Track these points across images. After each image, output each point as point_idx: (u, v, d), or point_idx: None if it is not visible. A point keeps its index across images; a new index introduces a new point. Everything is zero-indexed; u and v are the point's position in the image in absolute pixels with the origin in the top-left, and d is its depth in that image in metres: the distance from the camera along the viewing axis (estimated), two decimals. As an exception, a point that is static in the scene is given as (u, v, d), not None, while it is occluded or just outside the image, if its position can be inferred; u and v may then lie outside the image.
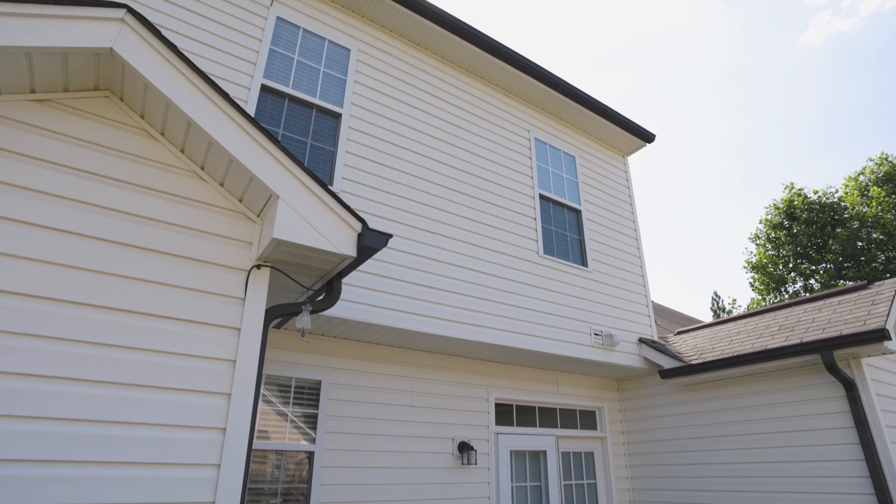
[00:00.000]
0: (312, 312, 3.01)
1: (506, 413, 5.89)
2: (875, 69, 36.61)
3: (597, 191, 7.18)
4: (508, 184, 6.10)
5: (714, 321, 7.31)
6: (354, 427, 4.71)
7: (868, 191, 19.54)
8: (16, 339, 2.23)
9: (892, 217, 18.12)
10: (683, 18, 46.05)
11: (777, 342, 5.39)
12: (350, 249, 2.83)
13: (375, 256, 4.66)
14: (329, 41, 5.29)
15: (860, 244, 18.59)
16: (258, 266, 2.85)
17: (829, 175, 40.59)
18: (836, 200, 20.26)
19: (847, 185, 20.38)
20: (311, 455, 4.44)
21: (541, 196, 6.43)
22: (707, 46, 46.63)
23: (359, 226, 2.89)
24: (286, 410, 4.48)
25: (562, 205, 6.66)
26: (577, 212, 6.80)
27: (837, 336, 4.81)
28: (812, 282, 20.24)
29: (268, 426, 4.38)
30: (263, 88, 4.74)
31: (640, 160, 59.23)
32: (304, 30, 5.18)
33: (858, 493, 4.66)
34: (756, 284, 21.64)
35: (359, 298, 4.42)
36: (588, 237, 6.68)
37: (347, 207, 2.89)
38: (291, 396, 4.54)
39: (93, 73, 2.71)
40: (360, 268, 4.53)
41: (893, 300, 5.13)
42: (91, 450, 2.24)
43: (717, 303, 25.98)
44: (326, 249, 2.76)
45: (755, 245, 22.00)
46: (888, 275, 17.50)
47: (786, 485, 5.12)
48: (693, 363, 5.87)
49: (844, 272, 18.79)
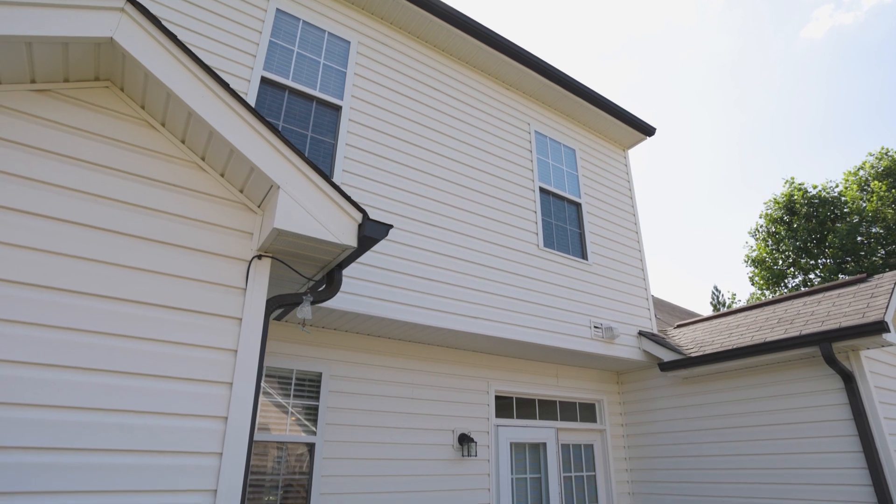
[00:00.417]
0: (313, 303, 3.02)
1: (506, 405, 5.91)
2: (876, 64, 36.51)
3: (597, 184, 7.18)
4: (509, 177, 6.10)
5: (714, 314, 7.33)
6: (355, 419, 4.73)
7: (868, 185, 19.52)
8: (18, 328, 2.24)
9: (893, 212, 18.12)
10: (684, 12, 45.87)
11: (776, 335, 5.41)
12: (351, 240, 2.84)
13: (376, 249, 4.67)
14: (329, 33, 5.27)
15: (860, 239, 18.59)
16: (259, 256, 2.86)
17: (830, 170, 40.58)
18: (836, 195, 20.25)
19: (847, 180, 20.37)
20: (312, 447, 4.46)
21: (541, 189, 6.43)
22: (708, 40, 46.47)
23: (359, 216, 2.89)
24: (287, 402, 4.50)
25: (562, 198, 6.66)
26: (578, 205, 6.80)
27: (836, 328, 4.83)
28: (812, 276, 20.25)
29: (269, 418, 4.40)
30: (263, 81, 4.73)
31: (641, 154, 59.06)
32: (304, 22, 5.16)
33: (856, 485, 4.68)
34: (756, 279, 21.66)
35: (359, 291, 4.43)
36: (588, 230, 6.69)
37: (348, 198, 2.89)
38: (292, 389, 4.56)
39: (93, 63, 2.71)
40: (361, 260, 4.54)
41: (892, 293, 5.14)
42: (93, 438, 2.25)
43: (718, 297, 26.00)
44: (327, 239, 2.76)
45: (755, 240, 22.01)
46: (888, 269, 17.52)
47: (784, 476, 5.15)
48: (692, 356, 5.89)
49: (844, 266, 18.80)
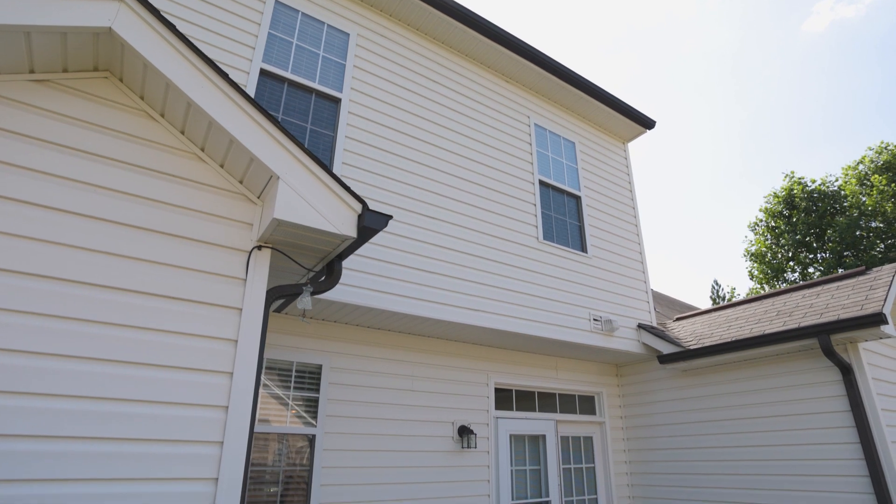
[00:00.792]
0: (313, 294, 3.03)
1: (505, 398, 5.93)
2: (878, 58, 36.39)
3: (597, 177, 7.18)
4: (508, 169, 6.09)
5: (713, 307, 7.34)
6: (355, 411, 4.75)
7: (867, 180, 19.51)
8: (18, 318, 2.25)
9: (892, 206, 18.11)
10: (684, 4, 45.65)
11: (775, 327, 5.42)
12: (350, 230, 2.84)
13: (376, 241, 4.67)
14: (328, 25, 5.25)
15: (859, 233, 18.60)
16: (259, 247, 2.86)
17: (831, 164, 40.53)
18: (836, 189, 20.24)
19: (846, 174, 20.35)
20: (313, 438, 4.48)
21: (540, 182, 6.43)
22: (708, 33, 46.29)
23: (359, 207, 2.89)
24: (287, 394, 4.52)
25: (561, 191, 6.66)
26: (577, 198, 6.80)
27: (835, 321, 4.84)
28: (811, 270, 20.29)
29: (270, 410, 4.42)
30: (262, 73, 4.72)
31: (641, 147, 59.06)
32: (303, 14, 5.14)
33: (854, 476, 4.71)
34: (755, 273, 21.69)
35: (359, 283, 4.43)
36: (588, 223, 6.69)
37: (348, 188, 2.90)
38: (293, 381, 4.58)
39: (92, 54, 2.70)
40: (361, 252, 4.55)
41: (891, 285, 5.16)
42: (94, 426, 2.26)
43: (717, 291, 26.05)
44: (327, 230, 2.77)
45: (754, 234, 22.02)
46: (887, 263, 17.53)
47: (782, 467, 5.18)
48: (691, 348, 5.91)
49: (844, 261, 18.82)
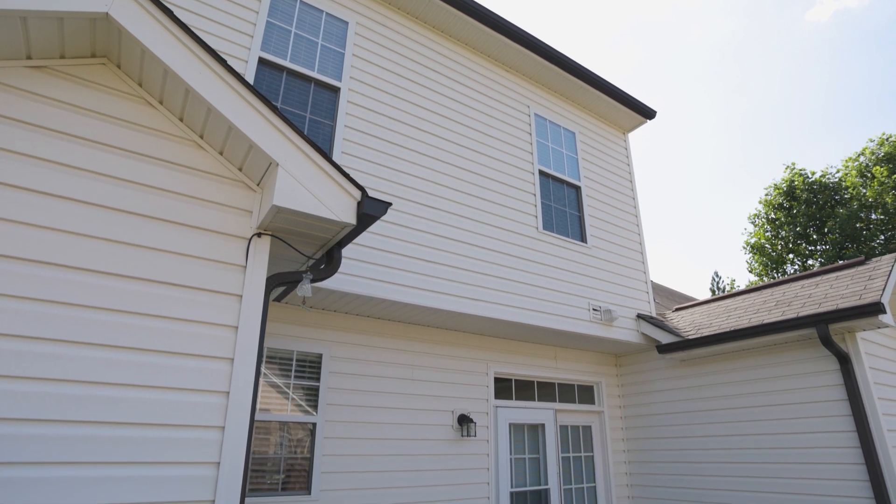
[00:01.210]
0: (313, 281, 3.04)
1: (505, 387, 5.96)
2: (882, 48, 36.17)
3: (597, 167, 7.17)
4: (508, 159, 6.08)
5: (712, 298, 7.36)
6: (355, 399, 4.77)
7: (868, 171, 19.46)
8: (18, 303, 2.26)
9: (893, 197, 18.09)
10: (686, -4, 45.30)
11: (773, 317, 5.44)
12: (350, 217, 2.84)
13: (376, 231, 4.67)
14: (326, 13, 5.22)
15: (859, 225, 18.59)
16: (259, 234, 2.87)
17: (831, 157, 40.41)
18: (837, 181, 20.19)
19: (846, 166, 20.30)
20: (314, 426, 4.51)
21: (540, 172, 6.42)
22: (711, 23, 45.96)
23: (358, 194, 2.89)
24: (288, 383, 4.54)
25: (561, 181, 6.65)
26: (577, 188, 6.79)
27: (833, 310, 4.86)
28: (811, 262, 20.30)
29: (271, 398, 4.44)
30: (261, 62, 4.70)
31: (641, 138, 58.82)
32: (301, 1, 5.10)
33: (850, 464, 4.75)
34: (754, 265, 21.69)
35: (359, 272, 4.44)
36: (587, 213, 6.69)
37: (347, 175, 2.89)
38: (293, 369, 4.60)
39: (89, 40, 2.69)
40: (361, 241, 4.55)
41: (890, 275, 5.17)
42: (96, 410, 2.28)
43: (717, 283, 26.08)
44: (326, 217, 2.77)
45: (754, 226, 22.01)
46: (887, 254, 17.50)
47: (779, 456, 5.21)
48: (690, 338, 5.93)
49: (843, 253, 18.82)
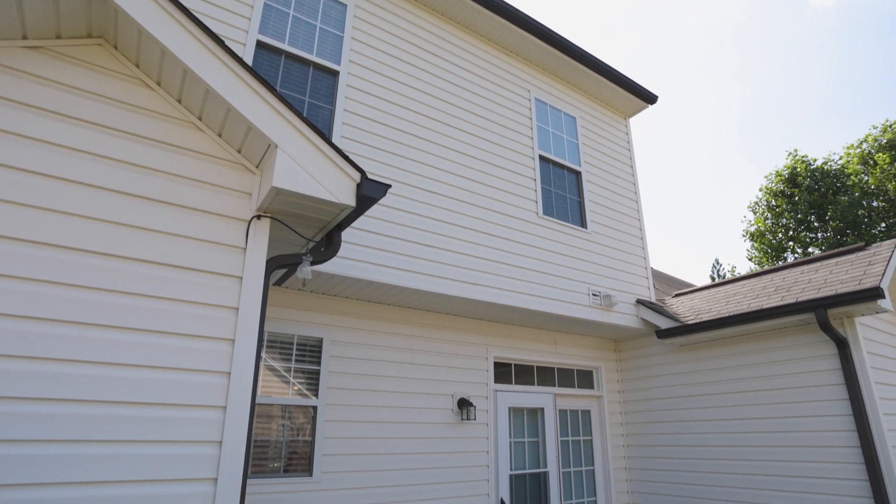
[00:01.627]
0: (313, 264, 3.04)
1: (504, 372, 6.00)
2: (885, 35, 35.76)
3: (597, 152, 7.14)
4: (508, 144, 6.05)
5: (712, 283, 7.37)
6: (356, 383, 4.81)
7: (871, 158, 19.36)
8: (18, 283, 2.27)
9: (895, 185, 18.02)
10: (690, -19, 44.72)
11: (773, 302, 5.45)
12: (349, 199, 2.84)
13: (376, 215, 4.67)
14: (325, -4, 5.16)
15: (861, 212, 18.55)
16: (258, 216, 2.87)
17: (831, 146, 40.19)
18: (840, 167, 20.10)
19: (848, 153, 20.19)
20: (315, 410, 4.55)
21: (541, 157, 6.39)
22: (712, 7, 45.42)
23: (358, 175, 2.89)
24: (289, 367, 4.57)
25: (562, 166, 6.62)
26: (577, 173, 6.77)
27: (832, 295, 4.87)
28: (811, 250, 20.29)
29: (272, 382, 4.48)
30: (259, 45, 4.66)
31: (643, 124, 58.45)
32: (300, -17, 5.04)
33: (845, 446, 4.79)
34: (754, 253, 21.69)
35: (359, 256, 4.45)
36: (588, 199, 6.67)
37: (346, 157, 2.88)
38: (294, 353, 4.63)
39: (85, 19, 2.66)
40: (361, 226, 4.55)
41: (890, 260, 5.17)
42: (97, 390, 2.30)
43: (718, 270, 26.11)
44: (326, 199, 2.77)
45: (754, 214, 21.96)
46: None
47: (776, 439, 5.26)
48: (689, 323, 5.95)
49: (844, 241, 18.81)
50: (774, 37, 42.80)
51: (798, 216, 20.02)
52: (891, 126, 19.45)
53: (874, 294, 4.62)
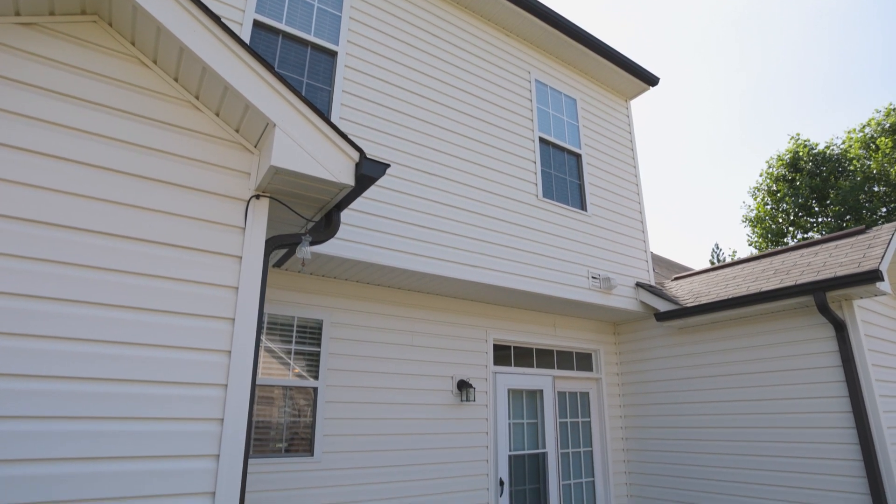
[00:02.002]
0: (312, 244, 3.04)
1: (504, 354, 6.04)
2: (886, 19, 35.28)
3: (598, 135, 7.09)
4: (508, 126, 6.01)
5: (711, 267, 7.38)
6: (356, 365, 4.84)
7: (873, 143, 19.24)
8: (14, 262, 2.26)
9: (896, 170, 17.93)
10: (694, -38, 43.98)
11: (772, 285, 5.46)
12: (348, 178, 2.82)
13: (375, 197, 4.65)
14: (323, -26, 5.08)
15: (862, 197, 18.49)
16: (257, 196, 2.86)
17: (834, 130, 39.89)
18: (842, 151, 19.99)
19: (850, 138, 20.06)
20: (315, 391, 4.59)
21: (541, 139, 6.35)
22: (717, -8, 44.73)
23: (356, 155, 2.87)
24: (290, 349, 4.60)
25: (562, 148, 6.58)
26: (578, 156, 6.73)
27: (831, 277, 4.87)
28: (812, 234, 20.27)
29: (273, 363, 4.50)
30: (256, 24, 4.59)
31: (643, 107, 57.95)
32: (297, -39, 4.96)
33: (841, 427, 4.84)
34: (754, 238, 21.67)
35: (358, 238, 4.44)
36: (588, 181, 6.65)
37: (345, 136, 2.86)
38: (294, 335, 4.65)
39: (79, -5, 2.62)
40: (360, 208, 4.54)
41: (889, 243, 5.16)
42: (99, 367, 2.31)
43: (718, 255, 26.13)
44: (325, 178, 2.75)
45: (754, 199, 21.89)
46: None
47: (773, 420, 5.31)
48: (688, 306, 5.97)
49: (845, 225, 18.78)
50: (776, 20, 42.26)
51: (799, 201, 19.96)
52: (894, 110, 19.29)
53: (873, 276, 4.63)
